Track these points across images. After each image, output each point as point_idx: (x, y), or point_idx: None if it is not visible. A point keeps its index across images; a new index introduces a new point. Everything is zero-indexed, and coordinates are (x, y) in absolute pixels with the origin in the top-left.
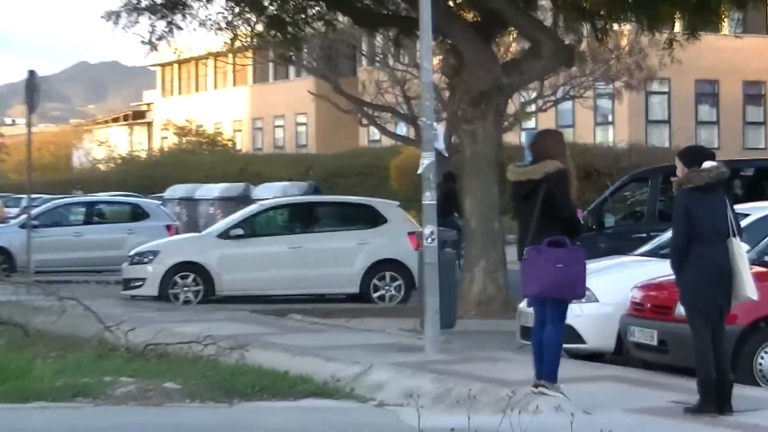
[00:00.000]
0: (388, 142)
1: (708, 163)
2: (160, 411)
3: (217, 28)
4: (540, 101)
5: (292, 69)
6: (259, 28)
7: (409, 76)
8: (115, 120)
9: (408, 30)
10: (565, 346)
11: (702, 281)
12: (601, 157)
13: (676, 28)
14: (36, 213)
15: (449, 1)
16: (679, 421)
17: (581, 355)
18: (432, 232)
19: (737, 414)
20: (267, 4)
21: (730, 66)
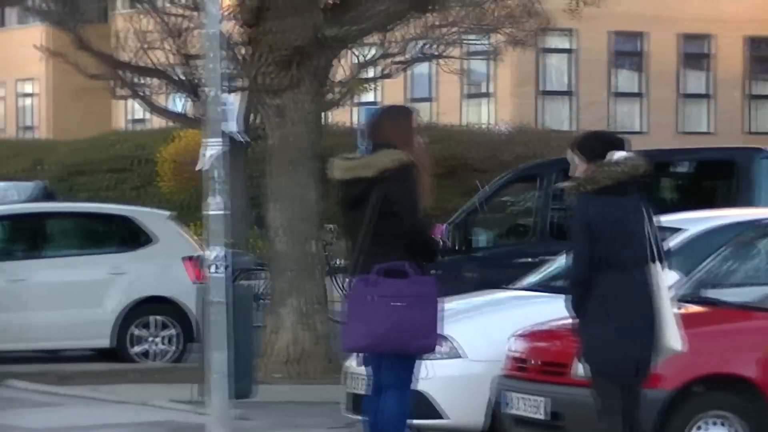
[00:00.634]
0: (158, 122)
1: (617, 155)
2: None
3: None
4: (383, 63)
5: (10, 12)
6: None
7: (187, 25)
8: None
9: None
10: (414, 422)
11: (610, 327)
12: (472, 145)
13: None
14: None
15: None
16: None
17: None
18: (219, 257)
19: None
20: None
21: (662, 12)
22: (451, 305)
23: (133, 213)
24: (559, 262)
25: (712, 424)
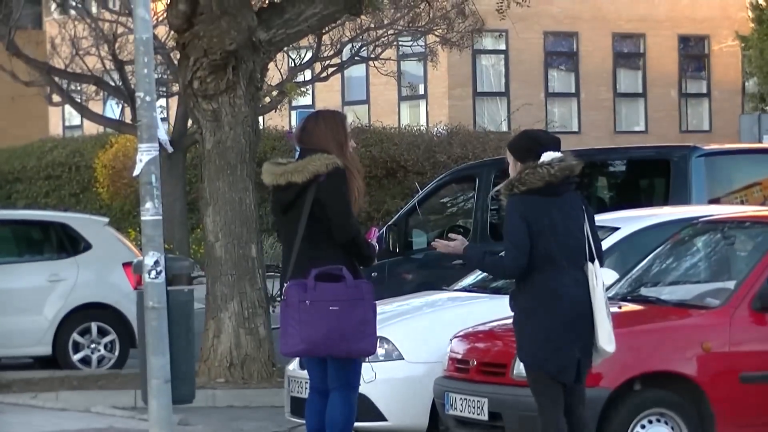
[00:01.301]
0: (93, 128)
1: (549, 155)
2: None
3: None
4: (318, 66)
5: None
6: None
7: (122, 30)
8: None
9: None
10: (356, 425)
11: (549, 327)
12: (409, 147)
13: None
14: None
15: None
16: None
17: None
18: (157, 262)
19: None
20: None
21: (595, 12)
22: (390, 307)
23: (70, 220)
24: None
25: (655, 422)
